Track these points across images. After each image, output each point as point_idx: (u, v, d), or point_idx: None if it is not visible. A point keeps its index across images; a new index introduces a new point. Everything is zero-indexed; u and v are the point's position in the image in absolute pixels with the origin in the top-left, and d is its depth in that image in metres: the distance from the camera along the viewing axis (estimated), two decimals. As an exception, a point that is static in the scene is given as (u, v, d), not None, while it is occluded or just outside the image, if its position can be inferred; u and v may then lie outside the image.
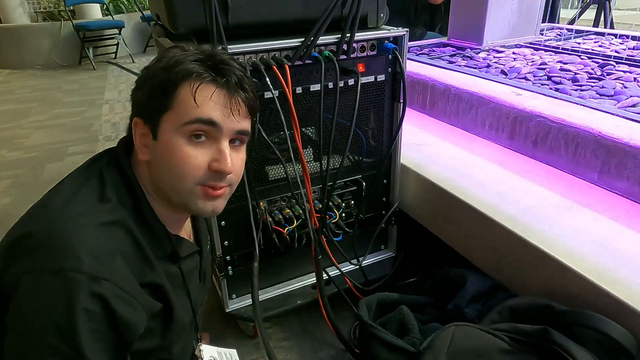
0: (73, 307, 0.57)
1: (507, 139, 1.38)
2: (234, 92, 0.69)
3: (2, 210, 2.21)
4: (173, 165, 0.68)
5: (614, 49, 1.93)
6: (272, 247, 1.23)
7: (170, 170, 0.69)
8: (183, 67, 0.67)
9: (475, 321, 1.02)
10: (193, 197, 0.70)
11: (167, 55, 0.69)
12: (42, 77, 5.13)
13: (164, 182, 0.70)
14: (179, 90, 0.67)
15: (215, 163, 0.68)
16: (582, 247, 0.94)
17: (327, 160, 1.15)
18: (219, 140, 0.69)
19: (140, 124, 0.70)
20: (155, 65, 0.70)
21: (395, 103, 1.27)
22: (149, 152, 0.71)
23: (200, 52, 0.70)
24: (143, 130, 0.70)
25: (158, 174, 0.71)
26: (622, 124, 1.14)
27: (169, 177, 0.69)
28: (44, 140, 3.13)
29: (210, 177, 0.69)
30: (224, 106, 0.68)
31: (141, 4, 5.98)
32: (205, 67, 0.68)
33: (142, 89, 0.70)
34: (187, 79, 0.67)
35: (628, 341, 0.79)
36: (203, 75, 0.67)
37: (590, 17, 3.53)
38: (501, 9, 1.98)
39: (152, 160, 0.71)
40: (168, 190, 0.71)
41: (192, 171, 0.68)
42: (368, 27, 1.17)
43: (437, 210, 1.27)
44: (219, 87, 0.68)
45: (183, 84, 0.67)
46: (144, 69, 0.72)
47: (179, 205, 0.72)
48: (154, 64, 0.71)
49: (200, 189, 0.70)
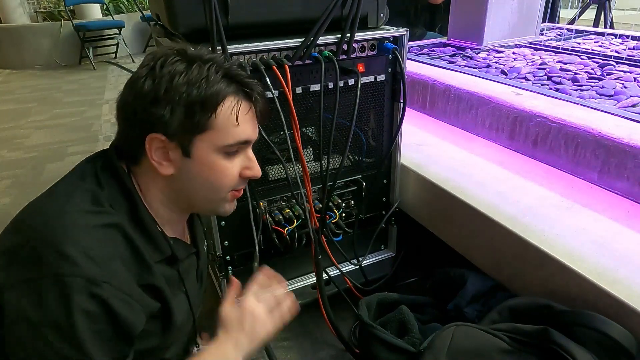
0: (73, 310, 0.57)
1: (507, 139, 1.38)
2: (257, 104, 0.73)
3: (2, 210, 2.21)
4: (211, 179, 0.72)
5: (614, 49, 1.93)
6: (272, 247, 1.23)
7: (207, 184, 0.72)
8: (220, 88, 0.67)
9: (475, 321, 1.02)
10: (223, 203, 0.76)
11: (178, 68, 0.66)
12: (42, 77, 5.13)
13: (196, 194, 0.73)
14: (219, 109, 0.68)
15: (247, 171, 0.75)
16: (582, 247, 0.94)
17: (327, 160, 1.15)
18: (247, 149, 0.75)
19: (159, 140, 0.68)
20: (175, 80, 0.66)
21: (395, 103, 1.27)
22: (175, 167, 0.70)
23: (218, 65, 0.69)
24: (168, 147, 0.69)
25: (188, 187, 0.72)
26: (622, 124, 1.14)
27: (204, 189, 0.73)
28: (44, 140, 3.13)
29: (241, 183, 0.76)
30: (253, 120, 0.73)
31: (141, 4, 5.98)
32: (235, 84, 0.69)
33: (165, 107, 0.66)
34: (226, 99, 0.68)
35: (628, 341, 0.79)
36: (239, 95, 0.70)
37: (590, 17, 3.53)
38: (501, 9, 1.98)
39: (180, 175, 0.71)
40: (198, 200, 0.74)
41: (229, 182, 0.74)
42: (368, 27, 1.17)
43: (437, 210, 1.27)
44: (250, 103, 0.72)
45: (223, 104, 0.68)
46: (147, 78, 0.67)
47: (205, 210, 0.76)
48: (165, 76, 0.66)
49: (230, 195, 0.75)
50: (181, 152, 0.69)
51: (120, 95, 0.70)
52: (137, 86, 0.67)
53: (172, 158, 0.70)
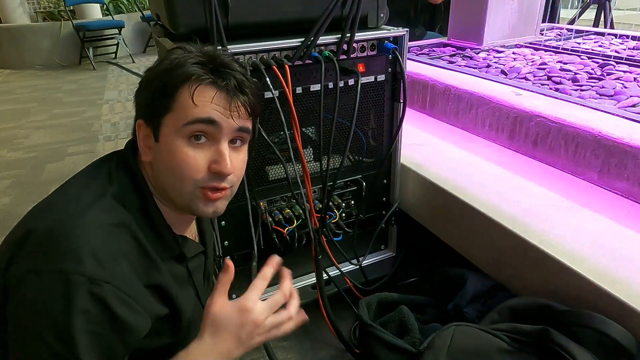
0: (72, 308, 0.57)
1: (507, 139, 1.38)
2: (234, 95, 0.68)
3: (2, 210, 2.21)
4: (174, 166, 0.68)
5: (614, 49, 1.93)
6: (272, 247, 1.23)
7: (171, 172, 0.69)
8: (183, 70, 0.67)
9: (475, 321, 1.02)
10: (194, 199, 0.70)
11: (169, 57, 0.69)
12: (42, 77, 5.13)
13: (165, 183, 0.71)
14: (179, 92, 0.67)
15: (214, 165, 0.68)
16: (582, 247, 0.94)
17: (327, 160, 1.15)
18: (219, 141, 0.69)
19: (143, 125, 0.71)
20: (158, 68, 0.70)
21: (395, 103, 1.27)
22: (152, 154, 0.71)
23: (202, 54, 0.69)
24: (146, 132, 0.71)
25: (160, 175, 0.71)
26: (622, 124, 1.14)
27: (170, 178, 0.70)
28: (44, 140, 3.13)
29: (211, 179, 0.69)
30: (224, 108, 0.68)
31: (141, 4, 5.98)
32: (205, 70, 0.68)
33: (144, 91, 0.70)
34: (187, 82, 0.67)
35: (628, 341, 0.79)
36: (202, 78, 0.67)
37: (590, 17, 3.53)
38: (501, 9, 1.98)
39: (154, 161, 0.71)
40: (170, 191, 0.71)
41: (192, 173, 0.68)
42: (368, 27, 1.17)
43: (437, 210, 1.27)
44: (219, 90, 0.68)
45: (183, 86, 0.67)
46: (147, 70, 0.71)
47: (181, 206, 0.72)
48: (156, 66, 0.70)
49: (200, 192, 0.69)
50: (153, 137, 0.70)
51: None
52: (143, 78, 0.71)
53: (149, 144, 0.71)
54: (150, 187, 0.73)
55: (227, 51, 0.98)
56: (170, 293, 0.71)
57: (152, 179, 0.73)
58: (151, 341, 0.68)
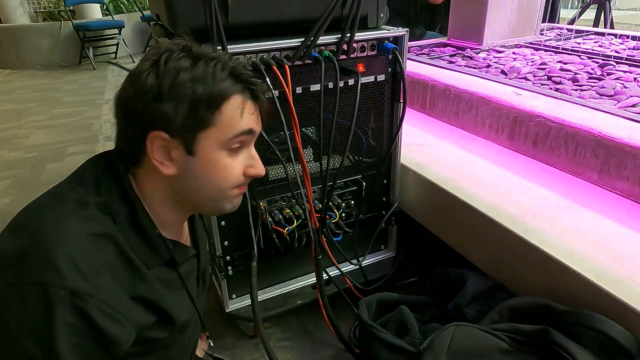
0: (54, 321, 0.56)
1: (507, 139, 1.38)
2: (259, 99, 0.72)
3: (2, 210, 2.21)
4: (216, 177, 0.70)
5: (614, 49, 1.93)
6: (272, 247, 1.23)
7: (211, 182, 0.70)
8: (226, 85, 0.66)
9: (475, 321, 1.02)
10: (227, 201, 0.74)
11: (183, 64, 0.64)
12: (42, 77, 5.13)
13: (200, 193, 0.71)
14: (225, 106, 0.66)
15: (251, 169, 0.73)
16: (582, 247, 0.94)
17: (327, 160, 1.15)
18: (250, 145, 0.73)
19: (161, 138, 0.66)
20: (180, 76, 0.64)
21: (395, 103, 1.27)
22: (178, 167, 0.68)
23: (224, 63, 0.67)
24: (166, 144, 0.67)
25: (191, 187, 0.70)
26: (622, 124, 1.14)
27: (208, 188, 0.71)
28: (44, 140, 3.13)
29: (244, 181, 0.74)
30: (256, 116, 0.72)
31: (141, 4, 5.98)
32: (242, 83, 0.68)
33: (168, 102, 0.64)
34: (233, 95, 0.67)
35: (628, 341, 0.79)
36: (245, 93, 0.69)
37: (590, 17, 3.53)
38: (501, 9, 1.98)
39: (184, 174, 0.69)
40: (202, 199, 0.72)
41: (234, 180, 0.72)
42: (368, 27, 1.17)
43: (437, 210, 1.27)
44: (253, 100, 0.70)
45: (229, 100, 0.67)
46: (150, 73, 0.64)
47: (206, 209, 0.75)
48: (169, 71, 0.64)
49: (234, 192, 0.73)
50: (184, 151, 0.67)
51: (120, 90, 0.67)
52: (139, 81, 0.64)
53: (174, 157, 0.67)
54: (138, 194, 0.70)
55: (226, 50, 0.98)
56: (158, 303, 0.69)
57: (161, 188, 0.71)
58: (141, 346, 0.67)
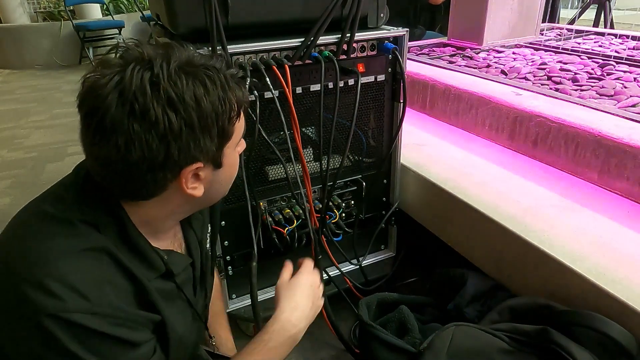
0: (69, 345, 0.56)
1: (507, 139, 1.38)
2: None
3: (2, 210, 2.21)
4: (233, 174, 0.72)
5: (614, 49, 1.93)
6: (272, 247, 1.23)
7: (229, 181, 0.73)
8: (238, 97, 0.65)
9: (475, 321, 1.01)
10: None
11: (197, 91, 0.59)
12: (42, 77, 5.13)
13: (219, 194, 0.73)
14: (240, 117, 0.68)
15: (240, 148, 0.73)
16: (582, 247, 0.94)
17: (327, 160, 1.15)
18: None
19: (196, 168, 0.63)
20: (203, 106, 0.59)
21: (395, 103, 1.27)
22: (205, 183, 0.67)
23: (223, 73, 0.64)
24: (200, 172, 0.64)
25: (213, 193, 0.71)
26: (622, 124, 1.14)
27: (226, 187, 0.73)
28: (44, 140, 3.13)
29: None
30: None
31: (141, 4, 5.98)
32: (240, 86, 0.67)
33: (202, 136, 0.60)
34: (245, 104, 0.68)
35: (628, 341, 0.79)
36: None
37: (590, 17, 3.53)
38: (501, 9, 1.98)
39: (210, 186, 0.68)
40: (216, 198, 0.74)
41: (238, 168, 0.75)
42: (368, 27, 1.17)
43: (437, 210, 1.27)
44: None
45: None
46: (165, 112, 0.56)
47: (214, 202, 0.75)
48: (189, 105, 0.58)
49: None
50: (212, 168, 0.66)
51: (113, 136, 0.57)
52: (157, 126, 0.56)
53: (202, 177, 0.65)
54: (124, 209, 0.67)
55: (226, 52, 0.98)
56: (159, 306, 0.68)
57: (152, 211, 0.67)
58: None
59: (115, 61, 0.59)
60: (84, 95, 0.59)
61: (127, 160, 0.58)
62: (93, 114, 0.58)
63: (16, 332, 0.57)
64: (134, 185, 0.62)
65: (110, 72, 0.57)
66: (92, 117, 0.58)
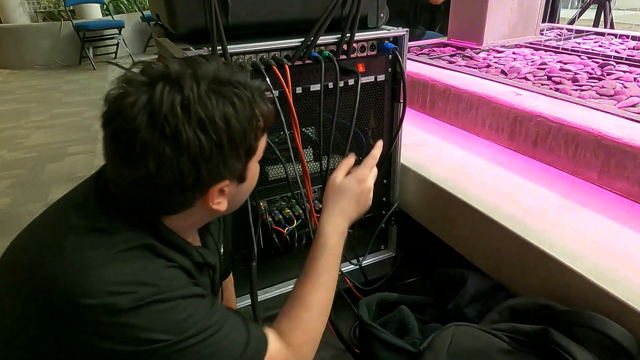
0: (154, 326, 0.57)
1: (507, 139, 1.38)
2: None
3: (2, 210, 2.21)
4: (254, 184, 0.73)
5: (614, 49, 1.93)
6: (272, 247, 1.22)
7: (250, 191, 0.73)
8: (264, 112, 0.64)
9: (475, 321, 1.01)
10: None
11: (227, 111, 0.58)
12: (42, 77, 5.13)
13: (239, 204, 0.73)
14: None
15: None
16: (582, 247, 0.94)
17: (327, 160, 1.15)
18: None
19: (223, 186, 0.64)
20: (232, 125, 0.59)
21: (395, 103, 1.27)
22: (229, 197, 0.67)
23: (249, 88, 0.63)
24: (226, 188, 0.65)
25: (235, 205, 0.72)
26: (622, 124, 1.14)
27: (247, 197, 0.74)
28: (44, 140, 3.14)
29: None
30: None
31: (141, 4, 5.98)
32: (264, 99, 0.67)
33: (232, 156, 0.61)
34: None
35: (628, 341, 0.79)
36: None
37: (590, 17, 3.53)
38: (501, 9, 1.98)
39: (233, 199, 0.69)
40: (236, 207, 0.74)
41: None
42: (368, 27, 1.17)
43: (437, 210, 1.27)
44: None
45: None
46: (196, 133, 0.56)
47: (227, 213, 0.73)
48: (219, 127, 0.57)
49: None
50: (237, 182, 0.67)
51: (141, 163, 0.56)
52: (189, 149, 0.56)
53: (226, 192, 0.66)
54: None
55: (226, 52, 0.98)
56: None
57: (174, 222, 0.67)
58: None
59: (139, 78, 0.57)
60: (110, 114, 0.57)
61: (156, 182, 0.57)
62: (121, 135, 0.56)
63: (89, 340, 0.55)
64: (160, 204, 0.62)
65: (136, 90, 0.56)
66: (120, 137, 0.56)
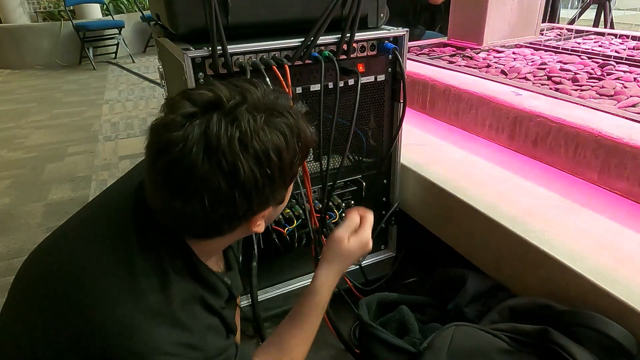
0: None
1: (507, 139, 1.38)
2: None
3: (2, 210, 2.21)
4: (287, 201, 0.71)
5: (614, 49, 1.93)
6: (272, 247, 1.22)
7: (284, 207, 0.73)
8: (310, 141, 0.64)
9: (475, 321, 1.01)
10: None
11: (278, 142, 0.57)
12: (42, 77, 5.13)
13: (272, 220, 0.76)
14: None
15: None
16: (582, 247, 0.94)
17: (327, 160, 1.15)
18: None
19: (266, 213, 0.64)
20: (284, 158, 0.59)
21: (395, 103, 1.27)
22: (266, 219, 0.67)
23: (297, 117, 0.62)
24: (266, 212, 0.65)
25: (270, 221, 0.74)
26: (622, 124, 1.14)
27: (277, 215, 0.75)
28: (44, 140, 3.14)
29: None
30: None
31: (141, 4, 5.98)
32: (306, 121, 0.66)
33: (280, 188, 0.62)
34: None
35: (628, 341, 0.79)
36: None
37: (590, 17, 3.53)
38: (501, 9, 1.98)
39: (268, 219, 0.70)
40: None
41: None
42: (368, 27, 1.17)
43: (437, 210, 1.27)
44: None
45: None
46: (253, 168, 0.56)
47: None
48: (272, 161, 0.57)
49: None
50: (276, 205, 0.67)
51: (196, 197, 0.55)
52: (241, 179, 0.55)
53: (266, 215, 0.65)
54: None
55: (226, 52, 0.98)
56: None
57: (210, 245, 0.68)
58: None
59: (187, 106, 0.55)
60: (161, 145, 0.54)
61: (210, 215, 0.57)
62: (174, 167, 0.54)
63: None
64: (207, 231, 0.62)
65: (187, 121, 0.54)
66: (173, 169, 0.54)
